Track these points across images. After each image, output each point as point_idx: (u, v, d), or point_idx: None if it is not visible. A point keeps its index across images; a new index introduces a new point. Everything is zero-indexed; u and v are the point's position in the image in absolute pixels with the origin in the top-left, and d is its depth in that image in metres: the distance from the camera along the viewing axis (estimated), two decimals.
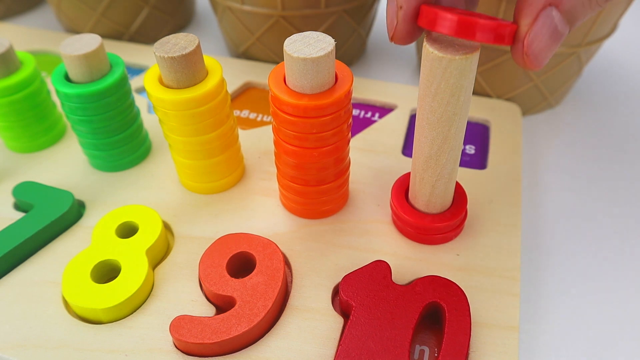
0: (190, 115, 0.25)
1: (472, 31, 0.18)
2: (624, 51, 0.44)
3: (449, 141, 0.22)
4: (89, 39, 0.27)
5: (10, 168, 0.31)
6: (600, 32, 0.32)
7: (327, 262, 0.25)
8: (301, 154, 0.24)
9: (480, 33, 0.18)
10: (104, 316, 0.23)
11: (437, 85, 0.20)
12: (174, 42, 0.24)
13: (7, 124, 0.30)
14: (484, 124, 0.34)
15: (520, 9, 0.18)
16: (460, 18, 0.18)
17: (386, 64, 0.42)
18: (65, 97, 0.27)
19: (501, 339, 0.22)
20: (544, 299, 0.26)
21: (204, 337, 0.21)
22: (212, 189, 0.29)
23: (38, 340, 0.22)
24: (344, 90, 0.22)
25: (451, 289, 0.23)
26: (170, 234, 0.27)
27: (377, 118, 0.34)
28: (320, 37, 0.21)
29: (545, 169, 0.33)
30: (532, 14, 0.18)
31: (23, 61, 0.30)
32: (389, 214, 0.27)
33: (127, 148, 0.30)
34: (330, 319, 0.23)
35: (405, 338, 0.21)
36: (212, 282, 0.23)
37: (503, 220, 0.27)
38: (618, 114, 0.37)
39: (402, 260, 0.25)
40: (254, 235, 0.25)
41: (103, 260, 0.24)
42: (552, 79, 0.35)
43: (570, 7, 0.18)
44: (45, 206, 0.27)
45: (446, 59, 0.19)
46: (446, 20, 0.18)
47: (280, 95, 0.22)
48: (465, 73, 0.19)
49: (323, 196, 0.26)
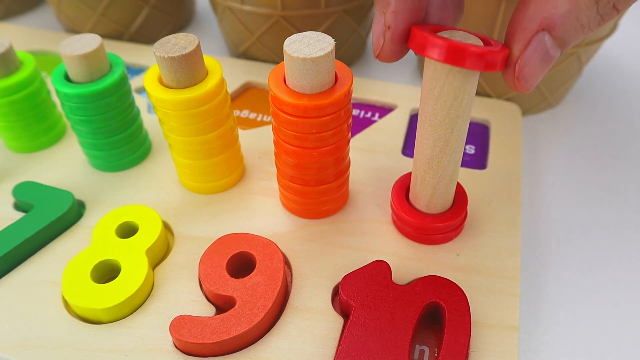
0: (190, 115, 0.25)
1: (462, 58, 0.18)
2: (624, 51, 0.44)
3: (451, 143, 0.22)
4: (89, 39, 0.27)
5: (10, 168, 0.31)
6: (600, 32, 0.32)
7: (327, 262, 0.25)
8: (301, 153, 0.24)
9: (470, 60, 0.18)
10: (104, 316, 0.23)
11: (440, 89, 0.20)
12: (174, 42, 0.24)
13: (7, 124, 0.30)
14: (484, 124, 0.34)
15: (512, 33, 0.18)
16: (450, 45, 0.18)
17: (386, 64, 0.42)
18: (65, 97, 0.27)
19: (501, 339, 0.22)
20: (544, 299, 0.26)
21: (204, 337, 0.21)
22: (212, 189, 0.29)
23: (38, 340, 0.22)
24: (343, 90, 0.22)
25: (451, 289, 0.23)
26: (170, 234, 0.27)
27: (377, 118, 0.34)
28: (320, 37, 0.21)
29: (545, 169, 0.33)
30: (524, 40, 0.18)
31: (23, 61, 0.30)
32: (389, 214, 0.27)
33: (127, 148, 0.30)
34: (330, 319, 0.23)
35: (405, 338, 0.21)
36: (212, 282, 0.23)
37: (503, 220, 0.27)
38: (618, 114, 0.37)
39: (402, 260, 0.25)
40: (254, 235, 0.25)
41: (103, 260, 0.24)
42: (552, 79, 0.35)
43: (563, 33, 0.18)
44: (45, 206, 0.27)
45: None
46: (436, 47, 0.18)
47: (280, 95, 0.22)
48: (468, 77, 0.19)
49: (323, 196, 0.26)
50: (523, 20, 0.18)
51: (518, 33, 0.18)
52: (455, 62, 0.18)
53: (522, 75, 0.18)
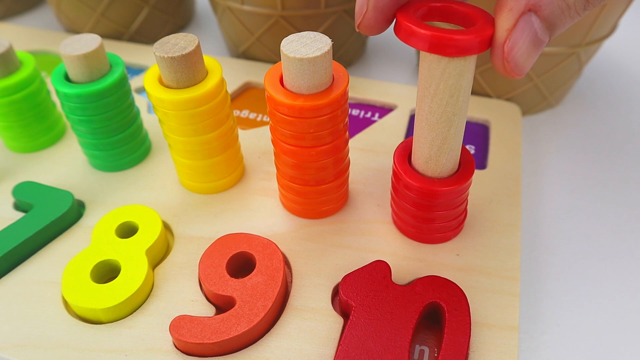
0: (190, 115, 0.25)
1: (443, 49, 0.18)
2: (624, 51, 0.44)
3: (448, 142, 0.22)
4: (88, 39, 0.27)
5: (10, 168, 0.31)
6: (600, 32, 0.32)
7: (327, 262, 0.25)
8: (299, 153, 0.24)
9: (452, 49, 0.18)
10: (103, 316, 0.23)
11: (436, 86, 0.20)
12: (173, 42, 0.24)
13: (7, 124, 0.30)
14: (484, 124, 0.34)
15: (499, 12, 0.18)
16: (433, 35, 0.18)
17: (386, 64, 0.42)
18: (65, 97, 0.27)
19: (501, 339, 0.22)
20: (544, 298, 0.26)
21: (204, 337, 0.21)
22: (212, 189, 0.29)
23: (38, 340, 0.22)
24: (340, 90, 0.22)
25: (451, 289, 0.23)
26: (170, 234, 0.27)
27: (377, 118, 0.34)
28: (317, 37, 0.21)
29: (545, 168, 0.33)
30: (511, 19, 0.18)
31: (23, 61, 0.30)
32: (389, 214, 0.27)
33: (127, 148, 0.30)
34: (330, 319, 0.23)
35: (405, 338, 0.21)
36: (212, 282, 0.23)
37: (503, 220, 0.27)
38: (618, 113, 0.37)
39: (402, 260, 0.25)
40: (253, 235, 0.25)
41: (103, 260, 0.24)
42: (552, 79, 0.35)
43: (550, 14, 0.17)
44: (45, 206, 0.27)
45: (445, 60, 0.19)
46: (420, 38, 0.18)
47: (276, 95, 0.22)
48: (463, 73, 0.20)
49: (323, 196, 0.26)
50: (509, 0, 0.18)
51: (505, 12, 0.18)
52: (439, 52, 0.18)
53: (512, 56, 0.18)
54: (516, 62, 0.18)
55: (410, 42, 0.19)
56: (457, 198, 0.24)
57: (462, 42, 0.18)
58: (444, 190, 0.23)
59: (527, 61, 0.18)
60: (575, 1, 0.17)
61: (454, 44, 0.18)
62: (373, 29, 0.20)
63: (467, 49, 0.18)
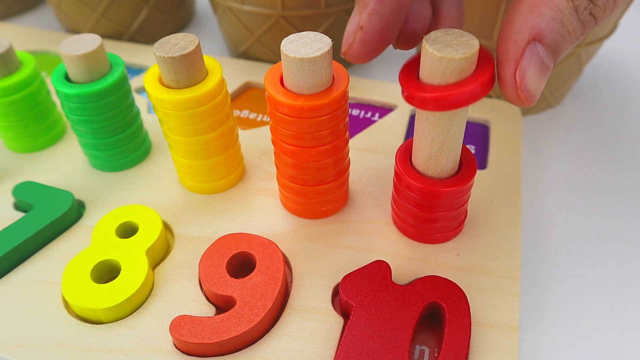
0: (190, 115, 0.25)
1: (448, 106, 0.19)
2: (624, 51, 0.44)
3: (448, 141, 0.22)
4: (88, 39, 0.27)
5: (10, 168, 0.31)
6: (600, 32, 0.32)
7: (327, 262, 0.25)
8: (299, 153, 0.24)
9: (456, 105, 0.19)
10: (103, 316, 0.23)
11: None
12: (174, 42, 0.24)
13: (7, 124, 0.30)
14: (484, 124, 0.34)
15: (503, 45, 0.19)
16: (435, 97, 0.19)
17: (386, 64, 0.42)
18: (65, 97, 0.27)
19: (501, 339, 0.22)
20: (544, 299, 0.26)
21: (204, 337, 0.21)
22: (212, 189, 0.29)
23: (38, 340, 0.22)
24: (340, 90, 0.22)
25: (451, 289, 0.23)
26: (170, 234, 0.27)
27: (377, 118, 0.34)
28: (317, 37, 0.21)
29: (545, 169, 0.33)
30: (517, 51, 0.18)
31: (23, 61, 0.30)
32: (389, 214, 0.27)
33: (127, 148, 0.30)
34: (330, 319, 0.23)
35: (405, 338, 0.21)
36: (212, 282, 0.23)
37: (503, 220, 0.27)
38: (618, 113, 0.37)
39: (402, 260, 0.25)
40: (254, 235, 0.25)
41: (103, 261, 0.24)
42: (552, 79, 0.35)
43: (552, 40, 0.18)
44: (45, 206, 0.27)
45: (446, 60, 0.19)
46: (423, 101, 0.19)
47: (276, 95, 0.22)
48: (465, 73, 0.19)
49: (323, 196, 0.26)
50: (512, 33, 0.18)
51: (510, 45, 0.18)
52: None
53: (524, 85, 0.19)
54: (528, 90, 0.19)
55: (414, 105, 0.20)
56: (459, 198, 0.24)
57: (467, 93, 0.19)
58: (446, 190, 0.23)
59: (539, 87, 0.19)
60: (574, 27, 0.18)
61: (458, 100, 0.19)
62: (358, 59, 0.21)
63: (471, 98, 0.19)
